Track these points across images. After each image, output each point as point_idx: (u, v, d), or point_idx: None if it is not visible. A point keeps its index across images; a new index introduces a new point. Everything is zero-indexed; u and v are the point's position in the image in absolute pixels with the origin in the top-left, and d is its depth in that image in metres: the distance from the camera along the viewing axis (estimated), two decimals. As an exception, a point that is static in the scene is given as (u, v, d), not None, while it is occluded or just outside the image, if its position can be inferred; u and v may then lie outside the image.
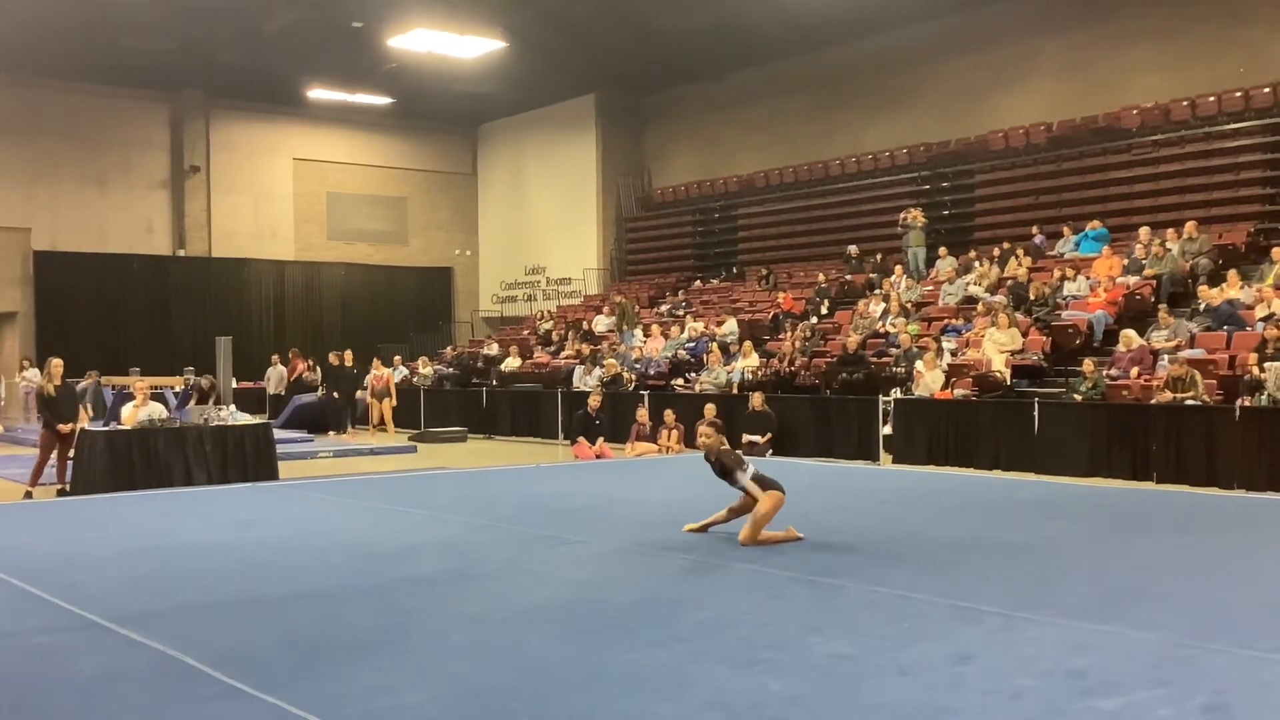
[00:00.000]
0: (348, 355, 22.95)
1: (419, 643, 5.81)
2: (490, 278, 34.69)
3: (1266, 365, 13.40)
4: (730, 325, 22.14)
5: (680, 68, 27.82)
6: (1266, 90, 19.01)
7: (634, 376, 21.22)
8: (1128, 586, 7.01)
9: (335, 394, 21.96)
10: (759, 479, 8.54)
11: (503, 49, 24.24)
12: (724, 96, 28.54)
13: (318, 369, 25.02)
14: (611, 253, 31.19)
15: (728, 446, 8.92)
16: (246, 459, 13.91)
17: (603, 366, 21.69)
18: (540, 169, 32.69)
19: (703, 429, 9.00)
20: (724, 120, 28.78)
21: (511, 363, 24.68)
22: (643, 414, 17.99)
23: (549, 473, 14.88)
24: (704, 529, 8.92)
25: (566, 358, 23.93)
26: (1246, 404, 13.18)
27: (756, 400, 17.35)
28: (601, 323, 26.00)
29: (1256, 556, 8.14)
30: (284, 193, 31.90)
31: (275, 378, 24.29)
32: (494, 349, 26.50)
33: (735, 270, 27.40)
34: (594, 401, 18.16)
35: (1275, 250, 16.66)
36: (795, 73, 26.55)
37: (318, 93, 28.93)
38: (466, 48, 24.01)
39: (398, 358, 25.71)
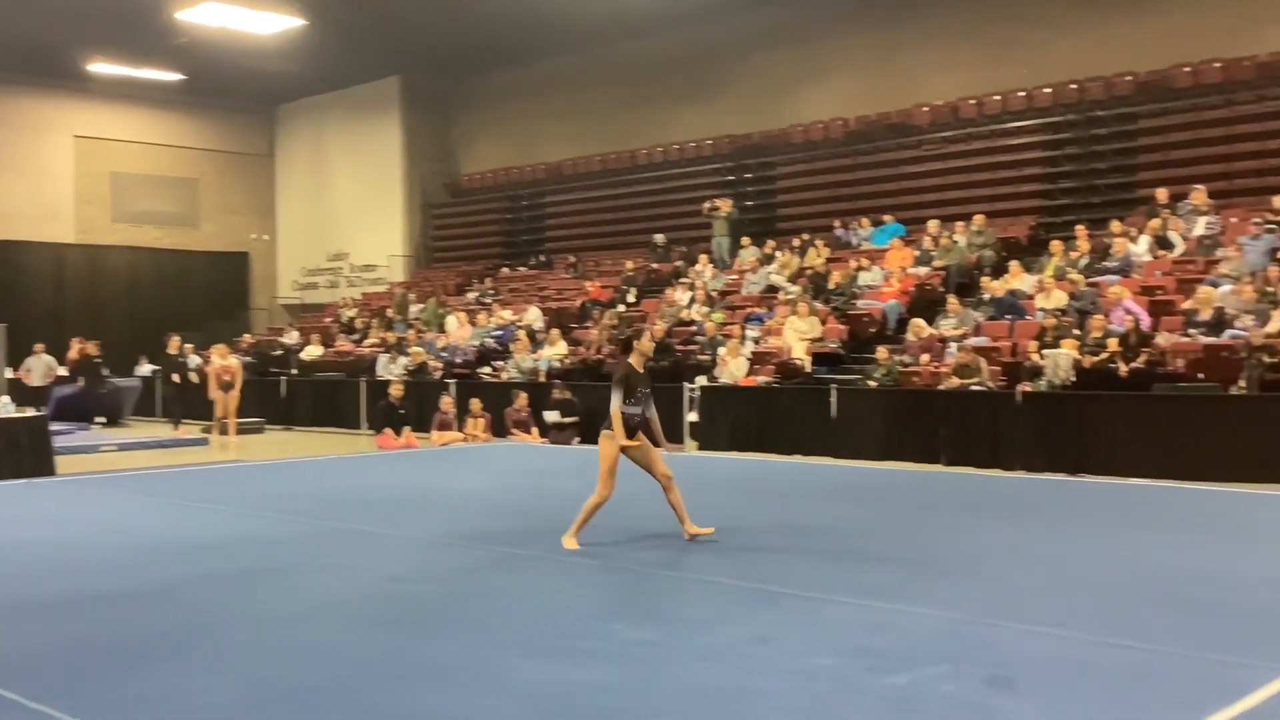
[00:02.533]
0: (174, 342, 21.87)
1: (217, 643, 5.58)
2: (290, 264, 33.60)
3: (1045, 352, 14.22)
4: (535, 313, 22.08)
5: (488, 53, 27.50)
6: (1048, 91, 20.14)
7: (440, 365, 20.93)
8: (919, 566, 7.31)
9: (151, 380, 20.82)
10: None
11: (302, 27, 23.41)
12: (533, 83, 28.39)
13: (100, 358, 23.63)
14: (418, 239, 30.68)
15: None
16: (21, 454, 13.05)
17: (408, 355, 21.31)
18: (342, 152, 31.83)
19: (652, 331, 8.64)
20: (533, 107, 28.64)
21: (313, 351, 24.00)
22: (447, 402, 17.74)
23: (353, 464, 14.54)
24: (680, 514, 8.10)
25: (371, 346, 23.41)
26: (1027, 389, 13.94)
27: (558, 391, 17.49)
28: (409, 310, 25.53)
29: (1037, 535, 8.61)
30: (64, 172, 30.03)
31: (40, 369, 22.59)
32: (294, 337, 25.70)
33: (543, 258, 27.35)
34: (395, 391, 17.74)
35: (1054, 243, 17.69)
36: (604, 62, 26.64)
37: (100, 67, 27.30)
38: (262, 24, 23.08)
39: (189, 345, 24.57)
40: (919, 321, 16.40)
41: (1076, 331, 14.56)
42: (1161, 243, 16.65)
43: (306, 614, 6.17)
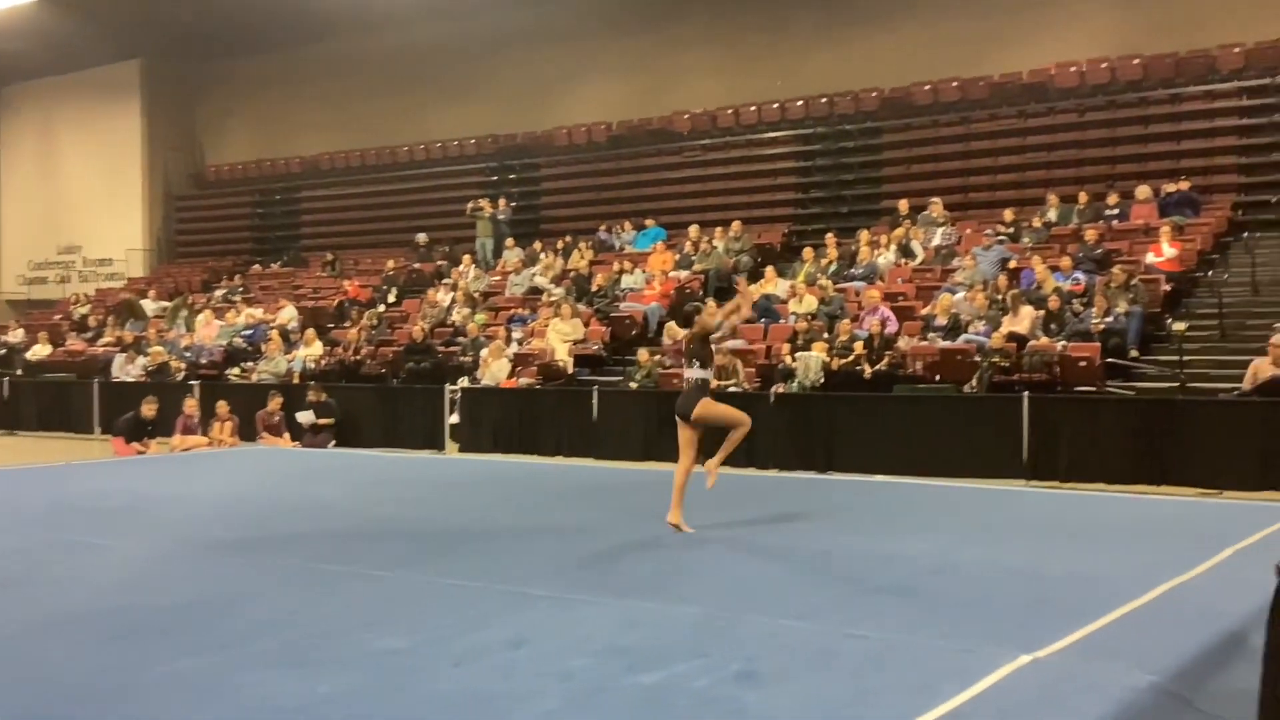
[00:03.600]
0: None
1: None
2: (14, 256, 31.20)
3: (798, 355, 14.72)
4: (290, 312, 21.27)
5: (237, 39, 26.36)
6: (800, 103, 20.92)
7: (184, 365, 19.83)
8: (673, 564, 7.37)
9: None
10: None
11: (31, 4, 21.79)
12: (286, 73, 27.37)
13: None
14: (159, 233, 29.03)
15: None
16: None
17: (147, 355, 20.09)
18: (75, 138, 29.79)
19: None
20: (286, 97, 27.60)
21: (40, 350, 22.38)
22: (191, 405, 16.78)
23: (82, 471, 13.54)
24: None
25: (106, 345, 21.97)
26: (781, 390, 14.38)
27: (314, 393, 16.86)
28: (149, 307, 24.10)
29: (786, 531, 8.84)
30: None
31: None
32: (19, 335, 23.86)
33: (298, 255, 26.40)
34: (148, 411, 16.20)
35: (806, 250, 18.36)
36: (363, 54, 25.93)
37: None
38: (-14, -3, 21.38)
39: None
40: (672, 324, 16.66)
41: (826, 335, 15.14)
42: (904, 251, 17.54)
43: (19, 633, 5.65)
